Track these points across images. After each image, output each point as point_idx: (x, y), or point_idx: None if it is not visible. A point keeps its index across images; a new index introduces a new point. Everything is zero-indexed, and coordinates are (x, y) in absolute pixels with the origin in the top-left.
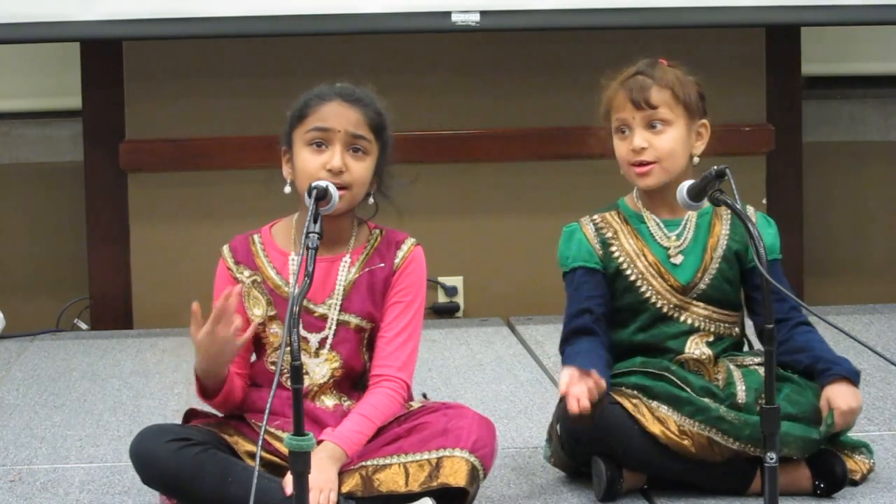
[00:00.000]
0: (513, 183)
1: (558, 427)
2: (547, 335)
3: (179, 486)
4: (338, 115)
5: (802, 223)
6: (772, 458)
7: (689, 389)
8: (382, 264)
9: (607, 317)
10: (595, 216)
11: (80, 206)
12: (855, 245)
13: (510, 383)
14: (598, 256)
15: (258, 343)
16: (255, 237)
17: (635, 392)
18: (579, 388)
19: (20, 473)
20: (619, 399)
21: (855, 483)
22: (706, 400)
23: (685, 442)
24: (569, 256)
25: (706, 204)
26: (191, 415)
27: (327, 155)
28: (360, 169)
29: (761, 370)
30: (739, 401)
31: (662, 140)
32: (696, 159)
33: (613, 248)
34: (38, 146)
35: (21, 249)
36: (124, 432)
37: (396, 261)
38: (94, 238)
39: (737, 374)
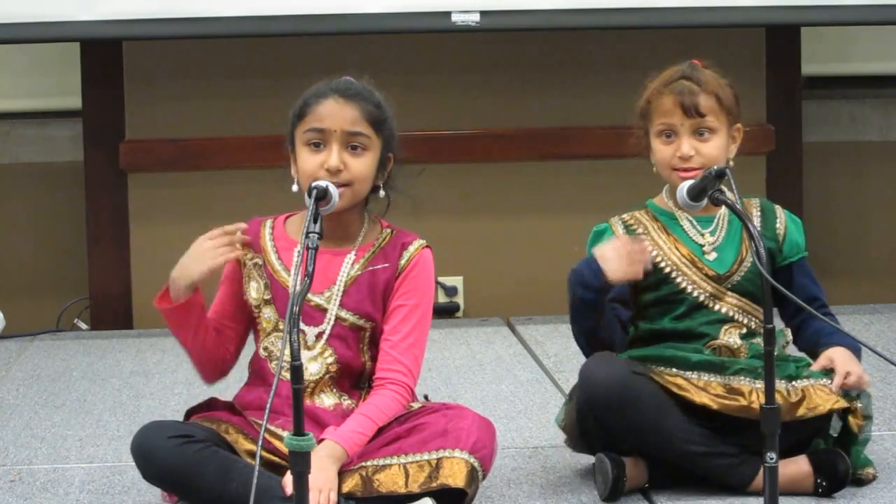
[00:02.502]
0: (513, 183)
1: (574, 399)
2: (547, 335)
3: (180, 483)
4: (333, 114)
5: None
6: (772, 458)
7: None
8: (386, 264)
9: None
10: (624, 215)
11: (80, 206)
12: (855, 245)
13: (510, 383)
14: None
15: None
16: (268, 222)
17: (672, 369)
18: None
19: (20, 473)
20: (656, 378)
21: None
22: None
23: (738, 401)
24: None
25: (706, 203)
26: (191, 414)
27: (324, 154)
28: (360, 165)
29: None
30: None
31: (708, 148)
32: (731, 162)
33: (646, 243)
34: (38, 146)
35: (21, 249)
36: (124, 432)
37: (401, 262)
38: (94, 238)
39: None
